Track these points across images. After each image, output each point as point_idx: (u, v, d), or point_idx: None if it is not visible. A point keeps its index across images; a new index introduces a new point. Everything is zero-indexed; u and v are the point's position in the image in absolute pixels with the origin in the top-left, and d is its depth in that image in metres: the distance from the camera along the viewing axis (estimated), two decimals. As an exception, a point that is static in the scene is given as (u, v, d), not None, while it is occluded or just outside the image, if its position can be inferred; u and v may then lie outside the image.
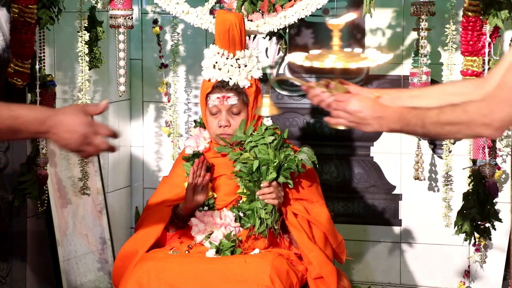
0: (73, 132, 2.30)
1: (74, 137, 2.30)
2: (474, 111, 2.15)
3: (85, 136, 2.31)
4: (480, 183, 3.36)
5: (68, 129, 2.30)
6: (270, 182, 3.20)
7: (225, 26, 3.30)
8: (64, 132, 2.29)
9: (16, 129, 2.25)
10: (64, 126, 2.30)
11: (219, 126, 3.32)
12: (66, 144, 2.31)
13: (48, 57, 3.86)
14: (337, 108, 2.37)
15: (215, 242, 3.25)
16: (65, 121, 2.30)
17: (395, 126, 2.30)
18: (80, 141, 2.31)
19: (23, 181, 3.64)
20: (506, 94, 2.11)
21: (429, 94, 2.46)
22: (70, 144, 2.31)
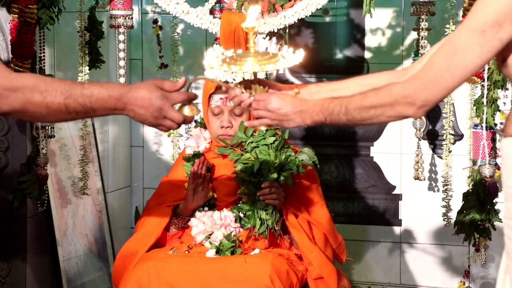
0: (148, 107, 2.29)
1: (150, 111, 2.29)
2: (397, 92, 2.19)
3: (160, 109, 2.30)
4: (480, 183, 3.36)
5: (143, 104, 2.28)
6: (270, 183, 3.20)
7: (231, 28, 3.30)
8: (139, 108, 2.28)
9: (90, 108, 2.24)
10: (139, 101, 2.28)
11: (221, 127, 3.31)
12: (143, 119, 2.30)
13: (48, 57, 3.86)
14: (258, 108, 2.40)
15: (215, 242, 3.24)
16: (140, 96, 2.29)
17: (318, 118, 2.33)
18: (155, 115, 2.30)
19: (23, 181, 3.64)
20: (433, 74, 2.14)
21: (348, 87, 2.49)
22: (146, 120, 2.30)
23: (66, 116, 2.25)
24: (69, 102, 2.22)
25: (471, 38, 2.09)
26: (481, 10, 2.09)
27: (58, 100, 2.21)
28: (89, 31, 3.82)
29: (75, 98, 2.23)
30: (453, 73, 2.12)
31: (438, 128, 4.19)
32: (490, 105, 3.31)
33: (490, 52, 2.10)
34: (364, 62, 4.33)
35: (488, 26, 2.07)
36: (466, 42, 2.10)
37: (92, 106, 2.25)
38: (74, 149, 4.12)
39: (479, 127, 3.34)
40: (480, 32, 2.08)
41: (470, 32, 2.09)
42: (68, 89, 2.23)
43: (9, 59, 3.52)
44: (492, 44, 2.08)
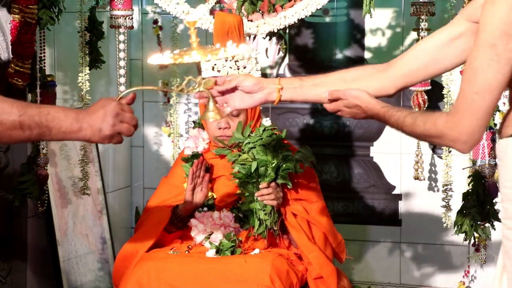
0: (105, 114, 2.28)
1: (108, 119, 2.28)
2: (442, 125, 2.16)
3: (117, 115, 2.30)
4: (480, 183, 3.36)
5: (98, 117, 2.28)
6: (268, 183, 3.20)
7: (224, 28, 3.30)
8: (95, 122, 2.27)
9: (45, 126, 2.21)
10: (94, 116, 2.28)
11: (218, 128, 3.31)
12: (101, 129, 2.28)
13: (49, 57, 3.86)
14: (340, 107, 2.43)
15: (215, 242, 3.25)
16: (95, 110, 2.29)
17: None
18: (113, 121, 2.29)
19: (24, 181, 3.64)
20: (465, 102, 2.11)
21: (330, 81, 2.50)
22: (104, 129, 2.28)
23: (20, 135, 2.20)
24: (24, 119, 2.19)
25: (485, 55, 2.05)
26: (487, 24, 2.05)
27: (13, 117, 2.18)
28: (89, 31, 3.82)
29: (30, 115, 2.20)
30: (481, 95, 2.08)
31: (438, 128, 4.19)
32: (490, 105, 3.31)
33: (507, 64, 2.05)
34: (364, 62, 4.33)
35: (496, 39, 2.03)
36: (482, 61, 2.06)
37: (48, 124, 2.22)
38: (74, 149, 4.13)
39: (479, 127, 3.33)
40: (491, 47, 2.04)
41: (482, 48, 2.05)
42: (24, 107, 2.20)
43: (9, 59, 3.52)
44: (507, 56, 2.04)
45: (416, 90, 3.64)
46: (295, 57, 4.42)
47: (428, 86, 3.64)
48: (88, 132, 2.28)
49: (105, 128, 2.29)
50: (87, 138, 2.29)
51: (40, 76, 3.59)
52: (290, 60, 4.43)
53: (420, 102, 3.66)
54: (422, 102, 3.67)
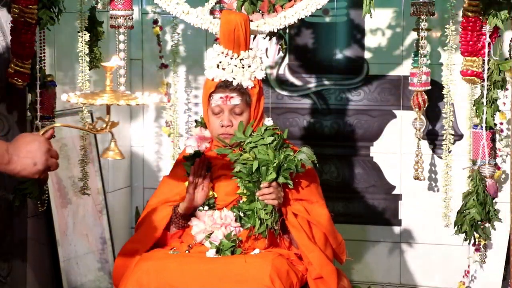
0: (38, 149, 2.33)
1: (42, 154, 2.33)
2: None
3: (48, 149, 2.35)
4: (480, 183, 3.36)
5: (31, 150, 2.32)
6: (269, 183, 3.20)
7: (230, 26, 3.30)
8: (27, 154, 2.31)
9: None
10: (25, 149, 2.31)
11: (221, 126, 3.31)
12: (36, 163, 2.32)
13: (48, 57, 3.86)
14: None
15: (215, 242, 3.25)
16: (23, 144, 2.31)
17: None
18: (46, 156, 2.35)
19: (24, 181, 3.64)
20: None
21: None
22: (39, 163, 2.33)
23: None
24: None
25: None
26: None
27: None
28: (89, 31, 3.82)
29: None
30: None
31: (438, 128, 4.20)
32: (490, 105, 3.31)
33: None
34: (364, 62, 4.33)
35: None
36: None
37: None
38: (74, 149, 4.13)
39: (479, 127, 3.34)
40: None
41: None
42: None
43: (9, 59, 3.52)
44: None
45: (416, 90, 3.64)
46: (295, 57, 4.42)
47: (428, 86, 3.65)
48: (18, 166, 2.31)
49: (40, 162, 2.34)
50: (16, 171, 2.32)
51: (40, 76, 3.59)
52: (290, 60, 4.43)
53: (420, 102, 3.66)
54: (422, 102, 3.67)
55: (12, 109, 3.58)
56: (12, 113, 3.58)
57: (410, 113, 4.11)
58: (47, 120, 3.65)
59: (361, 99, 4.35)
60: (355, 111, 4.36)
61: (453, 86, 3.78)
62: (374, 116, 4.34)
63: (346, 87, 4.36)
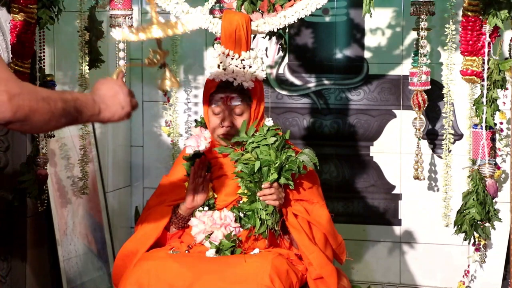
0: (122, 93, 2.40)
1: (126, 97, 2.40)
2: None
3: (129, 91, 2.43)
4: (479, 182, 3.36)
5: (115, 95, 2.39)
6: (271, 183, 3.20)
7: (232, 27, 3.30)
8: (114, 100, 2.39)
9: (79, 112, 2.30)
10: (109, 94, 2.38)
11: (221, 126, 3.31)
12: (123, 107, 2.40)
13: (48, 57, 3.86)
14: None
15: (215, 242, 3.25)
16: (107, 90, 2.39)
17: None
18: (129, 98, 2.42)
19: (23, 180, 3.64)
20: None
21: None
22: (126, 106, 2.40)
23: (63, 121, 2.28)
24: (65, 106, 2.25)
25: None
26: None
27: (60, 104, 2.24)
28: (89, 31, 3.82)
29: (68, 100, 2.27)
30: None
31: (438, 128, 4.20)
32: (489, 105, 3.32)
33: None
34: (364, 62, 4.33)
35: None
36: None
37: (81, 110, 2.31)
38: (74, 149, 4.13)
39: (479, 126, 3.34)
40: None
41: None
42: (60, 93, 2.27)
43: (9, 58, 3.52)
44: None
45: (416, 89, 3.64)
46: (295, 56, 4.42)
47: (428, 86, 3.64)
48: (107, 113, 2.38)
49: (126, 105, 2.40)
50: (107, 118, 2.39)
51: (40, 75, 3.59)
52: (290, 59, 4.43)
53: (420, 101, 3.66)
54: (422, 102, 3.67)
55: (12, 109, 3.57)
56: (12, 113, 3.57)
57: (410, 112, 4.11)
58: (46, 120, 3.64)
59: (361, 98, 4.35)
60: (355, 110, 4.36)
61: (453, 86, 3.78)
62: (374, 116, 4.34)
63: (346, 86, 4.36)
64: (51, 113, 2.22)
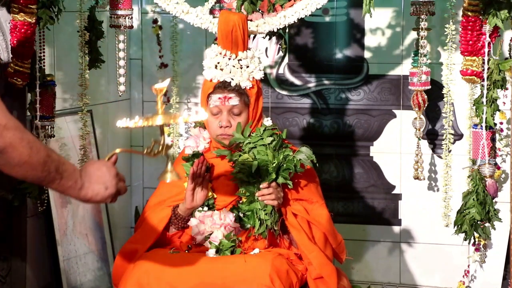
0: (109, 174, 2.39)
1: (112, 179, 2.39)
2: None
3: (117, 174, 2.42)
4: (479, 182, 3.36)
5: (101, 175, 2.38)
6: (269, 183, 3.20)
7: (228, 27, 3.30)
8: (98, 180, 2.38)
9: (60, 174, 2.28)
10: (95, 175, 2.38)
11: (219, 126, 3.31)
12: (107, 187, 2.39)
13: (48, 57, 3.86)
14: None
15: (215, 242, 3.25)
16: (94, 170, 2.38)
17: None
18: (116, 181, 2.41)
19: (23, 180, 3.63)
20: None
21: None
22: (110, 188, 2.39)
23: (39, 173, 2.25)
24: (47, 160, 2.24)
25: None
26: None
27: (42, 154, 2.23)
28: (89, 31, 3.82)
29: (54, 159, 2.26)
30: None
31: (438, 128, 4.20)
32: (489, 105, 3.32)
33: None
34: (364, 61, 4.33)
35: None
36: None
37: (62, 173, 2.29)
38: (74, 149, 4.13)
39: (479, 126, 3.34)
40: None
41: None
42: (49, 149, 2.26)
43: (9, 58, 3.52)
44: None
45: (416, 89, 3.64)
46: (295, 56, 4.42)
47: (428, 86, 3.65)
48: (90, 191, 2.36)
49: (110, 186, 2.39)
50: (88, 197, 2.37)
51: (40, 75, 3.59)
52: (290, 59, 4.43)
53: (420, 101, 3.66)
54: (422, 102, 3.67)
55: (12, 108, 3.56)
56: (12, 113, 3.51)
57: (410, 112, 4.11)
58: (46, 120, 3.65)
59: (361, 98, 4.35)
60: (355, 110, 4.36)
61: (453, 86, 3.78)
62: (374, 116, 4.34)
63: (346, 86, 4.36)
64: (29, 158, 2.20)
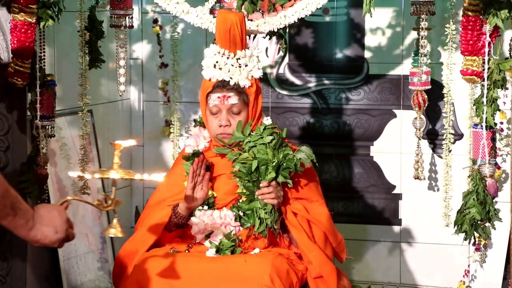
0: (60, 219, 2.40)
1: (63, 224, 2.40)
2: None
3: (67, 220, 2.42)
4: (480, 182, 3.36)
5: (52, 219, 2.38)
6: (269, 182, 3.20)
7: (226, 26, 3.30)
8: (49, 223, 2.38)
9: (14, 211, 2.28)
10: (46, 218, 2.38)
11: (219, 125, 3.31)
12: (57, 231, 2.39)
13: (48, 56, 3.85)
14: None
15: (215, 241, 3.25)
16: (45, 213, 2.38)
17: None
18: (66, 226, 2.41)
19: (23, 180, 3.64)
20: None
21: None
22: (60, 232, 2.39)
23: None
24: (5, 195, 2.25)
25: None
26: None
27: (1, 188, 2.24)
28: (89, 30, 3.82)
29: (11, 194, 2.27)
30: None
31: (438, 128, 4.20)
32: (490, 105, 3.31)
33: None
34: (364, 61, 4.33)
35: None
36: None
37: (16, 212, 2.29)
38: (74, 149, 4.13)
39: (479, 126, 3.34)
40: None
41: None
42: (7, 184, 2.26)
43: (9, 58, 3.52)
44: None
45: (416, 89, 3.64)
46: (295, 56, 4.42)
47: (428, 86, 3.64)
48: (39, 233, 2.36)
49: (60, 231, 2.39)
50: (37, 238, 2.37)
51: (40, 75, 3.59)
52: (290, 59, 4.43)
53: (420, 101, 3.66)
54: (422, 102, 3.67)
55: (12, 108, 3.57)
56: (12, 113, 3.58)
57: (410, 112, 4.10)
58: (47, 120, 3.65)
59: (361, 98, 4.35)
60: (355, 110, 4.36)
61: (453, 86, 3.78)
62: (374, 116, 4.34)
63: (346, 86, 4.36)
64: None
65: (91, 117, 4.28)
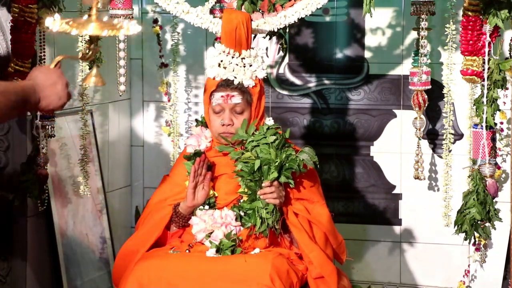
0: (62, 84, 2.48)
1: (65, 88, 2.48)
2: None
3: (67, 83, 2.50)
4: (480, 182, 3.36)
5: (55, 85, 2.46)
6: (271, 182, 3.20)
7: (232, 25, 3.30)
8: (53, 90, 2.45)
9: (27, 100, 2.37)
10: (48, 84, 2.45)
11: (222, 124, 3.31)
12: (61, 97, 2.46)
13: (48, 56, 3.85)
14: None
15: (215, 241, 3.24)
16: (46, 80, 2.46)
17: None
18: (67, 89, 2.49)
19: (24, 180, 3.64)
20: None
21: None
22: (63, 97, 2.47)
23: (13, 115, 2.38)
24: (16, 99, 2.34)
25: None
26: None
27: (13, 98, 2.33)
28: (89, 30, 3.81)
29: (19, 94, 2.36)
30: None
31: (438, 128, 4.20)
32: (490, 105, 3.32)
33: None
34: (364, 61, 4.33)
35: None
36: None
37: (27, 99, 2.38)
38: (74, 149, 4.13)
39: (479, 126, 3.34)
40: None
41: None
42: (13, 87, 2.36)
43: (9, 58, 3.52)
44: None
45: (416, 89, 3.64)
46: (295, 56, 4.42)
47: (428, 86, 3.64)
48: (44, 102, 2.44)
49: (63, 96, 2.48)
50: (43, 107, 2.45)
51: (40, 75, 3.58)
52: (290, 59, 4.43)
53: (420, 101, 3.66)
54: (422, 102, 3.67)
55: (12, 108, 3.57)
56: (12, 113, 3.58)
57: (410, 112, 4.11)
58: (47, 120, 3.65)
59: (361, 98, 4.35)
60: (355, 110, 4.36)
61: (453, 86, 3.78)
62: (374, 116, 4.34)
63: (346, 86, 4.36)
64: (6, 107, 2.30)
65: (91, 117, 4.28)
